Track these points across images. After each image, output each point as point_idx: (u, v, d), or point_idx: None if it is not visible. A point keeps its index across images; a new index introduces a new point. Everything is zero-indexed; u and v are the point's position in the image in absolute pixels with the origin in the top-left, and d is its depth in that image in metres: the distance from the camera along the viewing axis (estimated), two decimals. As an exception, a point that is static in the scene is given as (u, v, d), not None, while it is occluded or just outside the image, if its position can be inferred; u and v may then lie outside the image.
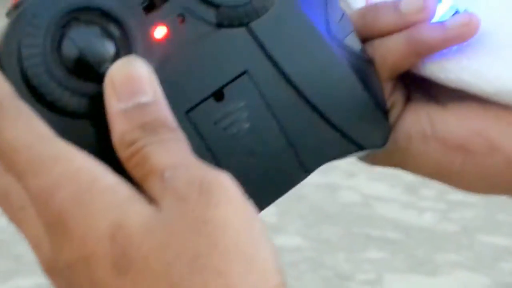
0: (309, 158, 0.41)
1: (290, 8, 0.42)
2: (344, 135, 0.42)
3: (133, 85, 0.35)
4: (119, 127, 0.35)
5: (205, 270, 0.32)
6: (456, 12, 0.50)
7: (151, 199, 0.35)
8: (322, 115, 0.41)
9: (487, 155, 0.48)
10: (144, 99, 0.35)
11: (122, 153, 0.35)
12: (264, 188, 0.41)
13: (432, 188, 3.54)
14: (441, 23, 0.48)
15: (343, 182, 3.74)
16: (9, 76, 0.36)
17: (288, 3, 0.42)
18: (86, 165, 0.35)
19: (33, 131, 0.35)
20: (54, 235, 0.35)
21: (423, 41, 0.47)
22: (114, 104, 0.35)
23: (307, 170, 0.42)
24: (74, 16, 0.36)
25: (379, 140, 0.44)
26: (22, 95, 0.36)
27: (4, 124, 0.35)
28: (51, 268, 0.36)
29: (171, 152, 0.35)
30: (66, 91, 0.36)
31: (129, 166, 0.35)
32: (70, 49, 0.36)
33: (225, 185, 0.35)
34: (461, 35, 0.47)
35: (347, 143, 0.42)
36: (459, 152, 0.48)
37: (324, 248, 3.23)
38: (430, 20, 0.48)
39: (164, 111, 0.36)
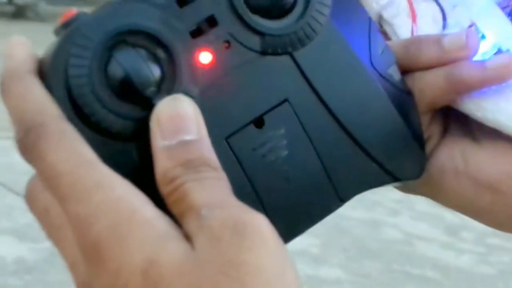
0: (345, 188, 0.41)
1: (334, 38, 0.41)
2: (380, 166, 0.42)
3: (178, 123, 0.36)
4: (162, 163, 0.35)
5: None
6: (499, 51, 0.50)
7: (187, 236, 0.35)
8: (360, 145, 0.41)
9: None
10: (188, 137, 0.36)
11: (163, 188, 0.36)
12: (300, 215, 0.41)
13: (472, 231, 3.63)
14: (481, 62, 0.47)
15: (386, 219, 3.85)
16: (55, 95, 0.36)
17: (332, 34, 0.41)
18: (126, 195, 0.35)
19: (77, 155, 0.35)
20: (90, 261, 0.35)
21: (462, 79, 0.47)
22: (158, 141, 0.36)
23: (342, 199, 0.41)
24: (121, 39, 0.36)
25: (415, 172, 0.44)
26: (67, 115, 0.36)
27: (49, 147, 0.35)
28: None
29: (210, 191, 0.35)
30: (111, 113, 0.36)
31: (169, 201, 0.36)
32: (116, 71, 0.36)
33: (260, 228, 0.34)
34: (500, 76, 0.47)
35: (384, 174, 0.42)
36: (489, 191, 0.48)
37: (364, 282, 3.29)
38: (472, 57, 0.48)
39: (207, 150, 0.36)
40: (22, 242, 3.39)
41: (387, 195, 3.88)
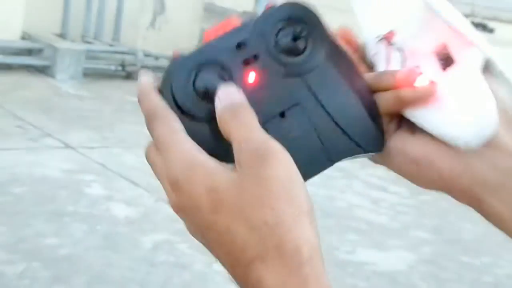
0: (333, 153, 0.56)
1: (329, 68, 0.55)
2: (355, 142, 0.56)
3: (228, 93, 0.51)
4: (218, 112, 0.51)
5: (263, 207, 0.46)
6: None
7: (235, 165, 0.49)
8: (344, 131, 0.56)
9: (429, 168, 0.63)
10: (236, 100, 0.51)
11: (221, 129, 0.51)
12: (306, 165, 0.53)
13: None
14: (415, 88, 0.61)
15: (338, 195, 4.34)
16: (165, 99, 0.53)
17: (328, 66, 0.55)
18: (192, 149, 0.50)
19: (171, 128, 0.51)
20: (174, 191, 0.50)
21: (403, 99, 0.61)
22: (217, 105, 0.51)
23: (332, 160, 0.56)
24: (201, 65, 0.53)
25: (377, 147, 0.59)
26: (172, 108, 0.52)
27: (157, 124, 0.52)
28: (176, 209, 0.52)
29: (243, 127, 0.50)
30: (196, 107, 0.52)
31: (225, 138, 0.51)
32: (200, 85, 0.53)
33: (276, 151, 0.48)
34: (424, 99, 0.61)
35: (356, 147, 0.56)
36: (414, 164, 0.63)
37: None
38: (411, 85, 0.61)
39: (245, 102, 0.51)
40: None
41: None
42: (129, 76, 7.82)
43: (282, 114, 0.54)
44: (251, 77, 0.53)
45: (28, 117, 5.59)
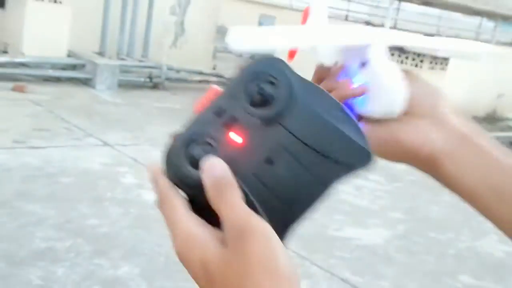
0: (324, 180, 0.48)
1: (299, 105, 0.48)
2: (345, 164, 0.48)
3: (211, 166, 0.46)
4: (206, 189, 0.46)
5: (246, 282, 0.43)
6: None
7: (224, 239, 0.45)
8: (328, 157, 0.48)
9: (396, 145, 0.64)
10: (216, 172, 0.46)
11: (211, 204, 0.46)
12: (303, 198, 0.48)
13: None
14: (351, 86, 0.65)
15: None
16: (169, 177, 0.48)
17: (297, 104, 0.48)
18: (189, 224, 0.46)
19: (172, 207, 0.47)
20: (180, 261, 0.47)
21: (341, 95, 0.63)
22: (203, 179, 0.46)
23: (324, 185, 0.48)
24: (190, 140, 0.48)
25: (365, 160, 0.49)
26: (176, 185, 0.48)
27: (162, 204, 0.48)
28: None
29: (227, 205, 0.45)
30: (192, 179, 0.46)
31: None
32: (191, 158, 0.47)
33: (255, 228, 0.44)
34: (358, 93, 0.64)
35: (347, 167, 0.48)
36: (384, 144, 0.64)
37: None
38: (350, 85, 0.65)
39: (227, 174, 0.46)
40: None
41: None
42: (155, 86, 7.90)
43: (270, 162, 0.47)
44: (234, 137, 0.48)
45: (73, 120, 5.64)
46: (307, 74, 0.61)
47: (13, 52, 7.30)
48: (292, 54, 0.77)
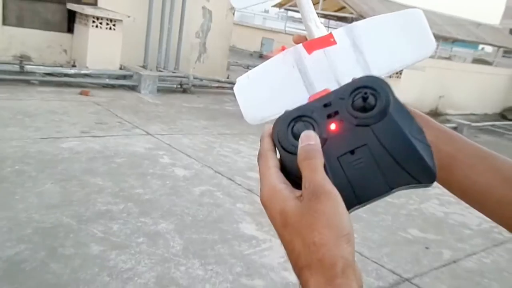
0: (390, 182, 0.44)
1: (391, 121, 0.44)
2: (412, 176, 0.44)
3: (307, 136, 0.44)
4: (299, 151, 0.43)
5: (314, 231, 0.40)
6: None
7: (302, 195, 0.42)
8: (401, 166, 0.44)
9: None
10: (311, 142, 0.43)
11: (300, 166, 0.43)
12: (367, 188, 0.44)
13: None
14: None
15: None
16: (274, 139, 0.46)
17: (390, 119, 0.44)
18: (274, 177, 0.44)
19: (266, 165, 0.45)
20: (263, 207, 0.44)
21: None
22: (299, 146, 0.44)
23: (391, 187, 0.44)
24: (299, 117, 0.46)
25: (429, 179, 0.44)
26: (277, 146, 0.46)
27: (260, 160, 0.46)
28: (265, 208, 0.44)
29: (310, 168, 0.42)
30: (290, 145, 0.45)
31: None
32: (295, 130, 0.45)
33: (328, 193, 0.41)
34: None
35: (413, 179, 0.44)
36: None
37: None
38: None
39: (317, 146, 0.43)
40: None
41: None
42: (184, 91, 7.90)
43: (352, 152, 0.44)
44: (332, 126, 0.45)
45: (124, 116, 5.63)
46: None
47: (80, 66, 7.30)
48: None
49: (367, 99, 0.45)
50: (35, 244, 2.62)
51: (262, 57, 16.82)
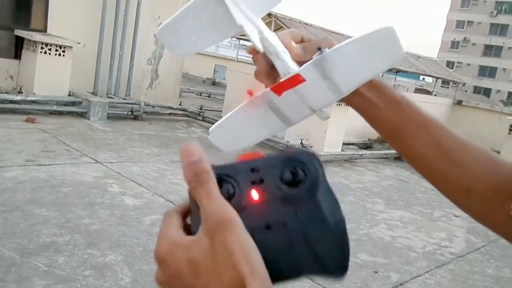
0: (300, 269, 0.41)
1: (316, 203, 0.41)
2: (323, 267, 0.41)
3: (189, 152, 0.38)
4: (184, 173, 0.38)
5: (231, 268, 0.36)
6: None
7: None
8: (315, 255, 0.41)
9: (355, 95, 0.59)
10: (195, 158, 0.38)
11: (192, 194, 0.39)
12: (276, 268, 0.40)
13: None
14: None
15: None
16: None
17: (316, 201, 0.41)
18: (174, 231, 0.40)
19: (171, 223, 0.41)
20: (161, 265, 0.40)
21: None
22: (182, 161, 0.38)
23: (298, 274, 0.41)
24: (223, 176, 0.41)
25: (340, 272, 0.42)
26: (191, 202, 0.41)
27: (165, 221, 0.42)
28: (159, 283, 0.40)
29: (207, 197, 0.37)
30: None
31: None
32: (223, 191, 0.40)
33: (232, 219, 0.37)
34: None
35: (324, 271, 0.41)
36: (353, 96, 0.58)
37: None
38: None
39: (203, 163, 0.38)
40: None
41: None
42: (136, 117, 7.81)
43: (268, 227, 0.41)
44: (254, 194, 0.42)
45: (72, 144, 5.49)
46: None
47: (26, 92, 7.10)
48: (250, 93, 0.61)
49: (296, 174, 0.42)
50: (-27, 280, 2.49)
51: (214, 84, 16.93)
